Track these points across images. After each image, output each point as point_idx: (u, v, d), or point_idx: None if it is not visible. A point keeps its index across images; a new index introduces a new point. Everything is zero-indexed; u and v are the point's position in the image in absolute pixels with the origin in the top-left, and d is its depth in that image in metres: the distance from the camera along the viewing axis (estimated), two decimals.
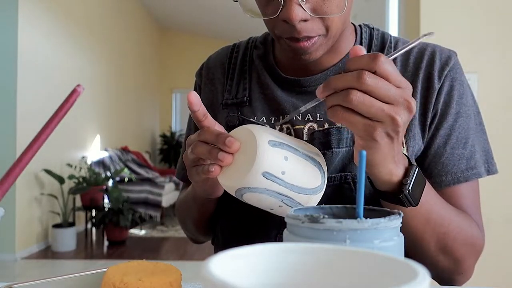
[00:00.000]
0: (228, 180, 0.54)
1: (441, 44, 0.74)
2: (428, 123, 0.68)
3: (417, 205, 0.55)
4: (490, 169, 0.70)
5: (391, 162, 0.52)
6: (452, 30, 1.90)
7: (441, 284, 0.69)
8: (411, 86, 0.48)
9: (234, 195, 0.55)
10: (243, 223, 0.73)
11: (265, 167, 0.51)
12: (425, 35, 0.51)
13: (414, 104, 0.48)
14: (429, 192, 0.59)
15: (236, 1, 0.65)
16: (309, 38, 0.62)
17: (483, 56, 1.89)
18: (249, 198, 0.54)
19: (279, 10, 0.60)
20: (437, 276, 0.67)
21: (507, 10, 1.89)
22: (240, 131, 0.56)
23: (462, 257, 0.64)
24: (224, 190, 0.65)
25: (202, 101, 0.81)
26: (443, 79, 0.69)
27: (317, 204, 0.55)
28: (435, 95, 0.69)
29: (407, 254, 0.65)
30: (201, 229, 0.81)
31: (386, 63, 0.46)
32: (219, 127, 0.60)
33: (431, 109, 0.68)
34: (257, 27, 0.70)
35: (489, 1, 1.90)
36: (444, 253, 0.63)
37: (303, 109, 0.56)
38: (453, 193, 0.67)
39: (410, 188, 0.53)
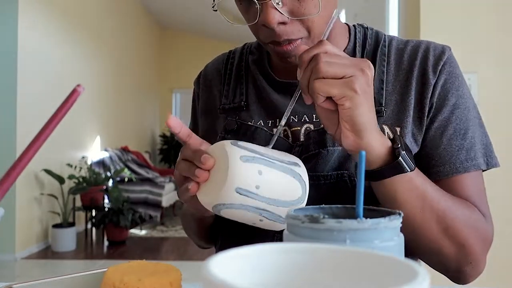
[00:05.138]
0: (206, 197, 0.55)
1: (441, 44, 0.74)
2: (425, 117, 0.68)
3: (414, 168, 0.57)
4: (490, 162, 0.69)
5: (377, 129, 0.55)
6: (452, 30, 1.90)
7: (452, 280, 0.67)
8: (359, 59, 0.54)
9: (212, 211, 0.56)
10: (240, 223, 0.73)
11: (237, 183, 0.51)
12: (336, 14, 0.59)
13: (371, 70, 0.53)
14: (418, 169, 0.60)
15: (216, 11, 0.66)
16: (290, 41, 0.63)
17: (483, 56, 1.89)
18: (227, 214, 0.55)
19: (258, 16, 0.61)
20: (444, 267, 0.65)
21: (507, 10, 1.89)
22: (215, 147, 0.57)
23: (466, 240, 0.61)
24: None
25: (200, 108, 0.82)
26: (438, 73, 0.69)
27: (316, 203, 0.55)
28: (431, 89, 0.69)
29: (411, 248, 0.63)
30: (202, 238, 0.83)
31: (332, 47, 0.53)
32: (206, 145, 0.60)
33: (427, 103, 0.68)
34: None
35: (489, 1, 1.90)
36: (447, 235, 0.60)
37: (286, 114, 0.60)
38: (455, 184, 0.66)
39: (404, 151, 0.55)
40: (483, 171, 0.70)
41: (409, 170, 0.56)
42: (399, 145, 0.55)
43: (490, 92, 1.89)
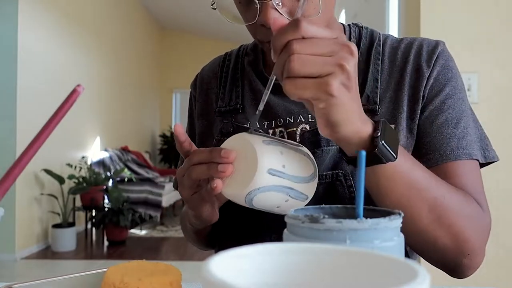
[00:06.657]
0: (235, 189, 0.55)
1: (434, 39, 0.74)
2: (419, 109, 0.68)
3: (396, 158, 0.52)
4: (487, 156, 0.68)
5: (357, 120, 0.50)
6: (452, 30, 1.90)
7: (450, 274, 0.65)
8: (342, 34, 0.47)
9: (244, 203, 0.56)
10: (237, 226, 0.74)
11: (268, 164, 0.53)
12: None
13: (354, 46, 0.47)
14: (404, 152, 0.56)
15: (215, 9, 0.66)
16: None
17: (483, 56, 1.89)
18: (259, 200, 0.55)
19: (257, 15, 0.61)
20: (441, 260, 0.62)
21: (507, 10, 1.89)
22: (230, 141, 0.58)
23: (461, 230, 0.59)
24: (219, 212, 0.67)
25: (197, 111, 0.83)
26: (432, 66, 0.69)
27: (312, 203, 0.55)
28: (425, 82, 0.69)
29: (407, 240, 0.63)
30: (201, 243, 0.83)
31: (309, 26, 0.45)
32: None
33: (421, 95, 0.68)
34: None
35: (490, 1, 1.90)
36: (441, 225, 0.58)
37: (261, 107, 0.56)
38: (447, 172, 0.64)
39: (383, 141, 0.50)
40: (482, 165, 0.69)
41: (387, 161, 0.52)
42: (379, 134, 0.51)
43: (490, 92, 1.89)
